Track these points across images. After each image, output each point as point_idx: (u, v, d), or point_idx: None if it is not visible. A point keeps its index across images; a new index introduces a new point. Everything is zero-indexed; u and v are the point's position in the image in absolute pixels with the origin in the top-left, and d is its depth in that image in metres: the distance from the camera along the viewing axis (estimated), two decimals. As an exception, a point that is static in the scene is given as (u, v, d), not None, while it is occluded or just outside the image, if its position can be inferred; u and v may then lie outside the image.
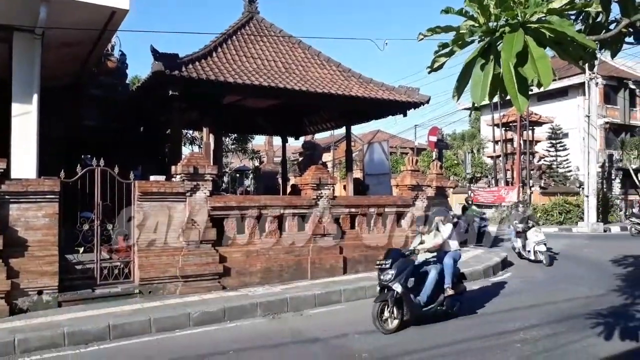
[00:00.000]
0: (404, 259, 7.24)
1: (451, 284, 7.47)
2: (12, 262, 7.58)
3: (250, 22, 14.83)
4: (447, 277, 7.47)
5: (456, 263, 7.78)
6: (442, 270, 7.52)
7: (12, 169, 8.46)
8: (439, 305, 7.43)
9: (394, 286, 6.91)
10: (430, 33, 3.17)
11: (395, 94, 14.27)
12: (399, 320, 7.01)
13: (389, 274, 6.95)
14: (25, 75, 9.16)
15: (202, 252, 9.19)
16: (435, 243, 7.64)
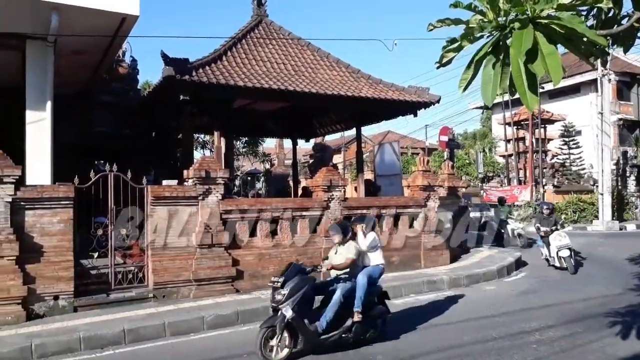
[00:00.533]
0: (303, 276, 6.16)
1: (361, 307, 6.33)
2: (29, 268, 7.68)
3: (259, 25, 14.88)
4: (358, 299, 6.33)
5: (376, 281, 6.78)
6: (353, 289, 6.41)
7: (27, 175, 8.58)
8: (344, 332, 6.30)
9: (284, 309, 5.87)
10: (439, 24, 3.15)
11: (405, 94, 14.22)
12: (289, 350, 5.97)
13: (280, 294, 5.93)
14: (38, 83, 9.30)
15: (215, 255, 9.23)
16: (346, 260, 6.47)
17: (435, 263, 12.01)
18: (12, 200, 7.62)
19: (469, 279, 10.84)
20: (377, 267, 6.82)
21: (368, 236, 6.84)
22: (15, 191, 7.65)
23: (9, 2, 7.95)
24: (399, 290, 9.78)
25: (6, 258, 7.47)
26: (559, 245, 11.94)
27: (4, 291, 7.37)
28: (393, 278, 10.49)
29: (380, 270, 6.89)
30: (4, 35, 9.13)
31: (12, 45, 9.44)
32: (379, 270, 6.86)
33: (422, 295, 9.79)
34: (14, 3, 8.03)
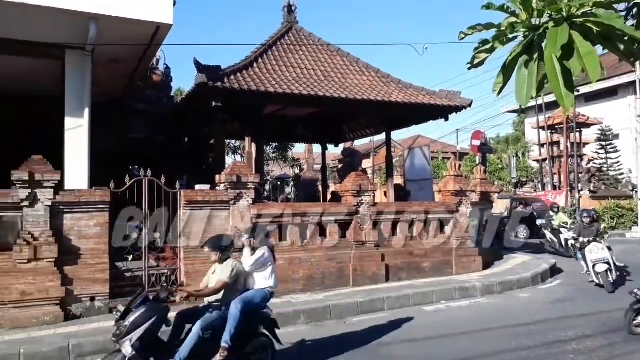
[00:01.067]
0: (152, 305, 5.05)
1: (232, 341, 5.20)
2: (67, 270, 7.92)
3: (290, 32, 15.02)
4: (227, 332, 5.20)
5: (259, 307, 5.62)
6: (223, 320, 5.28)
7: (66, 180, 8.85)
8: None
9: (122, 346, 4.82)
10: (471, 31, 3.13)
11: (436, 99, 14.09)
12: None
13: (120, 328, 4.88)
14: (76, 91, 9.60)
15: (245, 259, 9.30)
16: (217, 283, 5.42)
17: (467, 269, 11.81)
18: (51, 204, 7.88)
19: (502, 286, 10.61)
20: (260, 292, 5.68)
21: (257, 252, 5.73)
22: (55, 195, 7.91)
23: (50, 13, 8.25)
24: (430, 296, 9.66)
25: (45, 260, 7.72)
26: (594, 259, 10.62)
27: (43, 292, 7.62)
28: (424, 284, 10.39)
29: (264, 295, 5.69)
30: (44, 45, 9.49)
31: (52, 54, 9.78)
32: (262, 295, 5.68)
33: (454, 303, 9.64)
34: (54, 14, 8.32)
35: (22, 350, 6.33)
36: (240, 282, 5.60)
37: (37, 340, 6.75)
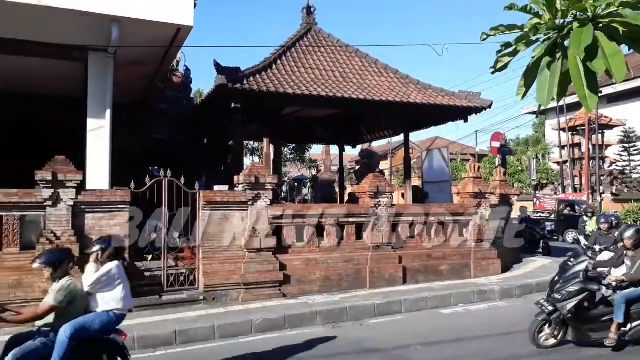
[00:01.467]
0: None
1: None
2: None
3: (309, 34, 15.05)
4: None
5: (97, 333, 4.78)
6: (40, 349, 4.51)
7: (87, 180, 9.00)
8: None
9: None
10: (493, 32, 3.09)
11: (455, 100, 13.97)
12: None
13: None
14: (99, 93, 9.76)
15: (263, 259, 9.36)
16: (41, 307, 4.62)
17: (486, 272, 11.68)
18: (73, 203, 8.03)
19: (522, 290, 10.47)
20: (102, 315, 4.83)
21: (102, 269, 4.94)
22: (77, 195, 8.05)
23: (73, 15, 8.40)
24: (447, 299, 9.58)
25: (68, 259, 7.84)
26: None
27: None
28: (442, 287, 10.30)
29: (106, 319, 4.84)
30: (67, 47, 9.66)
31: (75, 56, 9.96)
32: (103, 318, 4.82)
33: (472, 306, 9.54)
34: (77, 16, 8.47)
35: (44, 347, 6.43)
36: (78, 304, 4.76)
37: (59, 338, 6.86)
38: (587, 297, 6.39)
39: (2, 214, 7.78)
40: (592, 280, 6.51)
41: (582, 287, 6.30)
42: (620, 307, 6.25)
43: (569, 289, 6.33)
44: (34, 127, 12.44)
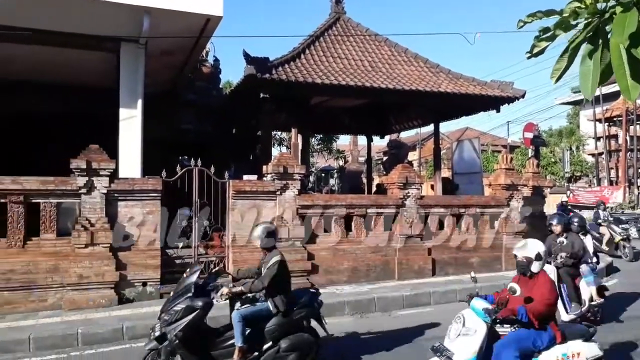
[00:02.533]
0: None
1: None
2: (120, 255, 8.24)
3: (337, 23, 14.94)
4: None
5: None
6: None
7: (120, 169, 9.18)
8: None
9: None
10: (530, 19, 2.98)
11: (487, 89, 13.68)
12: None
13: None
14: (130, 83, 9.91)
15: (291, 249, 9.39)
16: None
17: (517, 266, 11.44)
18: (107, 191, 8.20)
19: (555, 284, 10.23)
20: None
21: None
22: (110, 183, 8.22)
23: (106, 6, 8.53)
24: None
25: (101, 245, 8.06)
26: None
27: (99, 276, 7.95)
28: (472, 279, 10.15)
29: None
30: (100, 38, 9.83)
31: (108, 47, 10.14)
32: None
33: (503, 299, 9.36)
34: (111, 7, 8.59)
35: (80, 331, 6.64)
36: None
37: (94, 322, 7.06)
38: (199, 317, 4.94)
39: (39, 200, 8.01)
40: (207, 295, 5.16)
41: (189, 305, 4.88)
42: (238, 327, 5.03)
43: (175, 308, 4.90)
44: (68, 117, 12.73)
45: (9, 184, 7.78)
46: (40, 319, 7.26)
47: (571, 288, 7.08)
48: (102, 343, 6.60)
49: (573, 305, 6.97)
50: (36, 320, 7.22)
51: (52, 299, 7.82)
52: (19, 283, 7.66)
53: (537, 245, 4.60)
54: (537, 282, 4.45)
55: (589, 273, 7.24)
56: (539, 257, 4.51)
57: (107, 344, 6.60)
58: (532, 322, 4.23)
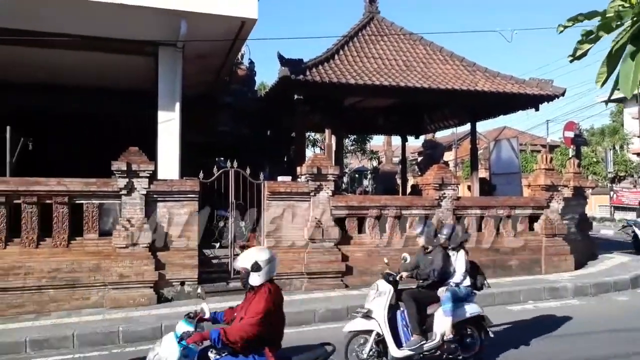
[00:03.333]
0: None
1: None
2: (159, 255, 8.43)
3: (371, 23, 14.86)
4: None
5: None
6: None
7: (158, 170, 9.39)
8: None
9: None
10: (571, 23, 2.89)
11: (525, 87, 13.34)
12: None
13: None
14: (168, 86, 10.13)
15: (325, 250, 9.40)
16: None
17: (558, 269, 11.13)
18: (146, 192, 8.41)
19: (597, 288, 9.90)
20: None
21: None
22: (149, 184, 8.43)
23: (145, 12, 8.75)
24: (516, 296, 9.23)
25: (141, 245, 8.27)
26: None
27: (139, 275, 8.16)
28: (511, 283, 9.95)
29: None
30: (138, 43, 10.09)
31: (146, 51, 10.40)
32: None
33: (543, 303, 9.13)
34: (149, 12, 8.81)
35: (121, 329, 6.83)
36: None
37: (134, 320, 7.25)
38: None
39: (82, 201, 8.28)
40: None
41: None
42: None
43: None
44: (108, 120, 13.13)
45: (54, 185, 8.08)
46: (83, 317, 7.51)
47: (414, 315, 5.50)
48: (142, 341, 6.76)
49: (413, 338, 5.47)
50: (80, 317, 7.47)
51: (94, 297, 8.08)
52: (64, 281, 7.94)
53: (256, 254, 3.88)
54: (255, 298, 3.74)
55: (447, 300, 5.60)
56: (256, 268, 3.76)
57: (147, 342, 6.73)
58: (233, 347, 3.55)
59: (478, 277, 6.19)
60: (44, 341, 6.56)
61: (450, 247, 6.09)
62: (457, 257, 5.98)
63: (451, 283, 5.83)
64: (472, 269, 6.12)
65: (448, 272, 5.88)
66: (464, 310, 5.77)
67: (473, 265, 6.21)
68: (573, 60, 3.09)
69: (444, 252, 5.96)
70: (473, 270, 6.13)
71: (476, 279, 6.15)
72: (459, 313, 5.70)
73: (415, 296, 5.67)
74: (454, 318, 5.60)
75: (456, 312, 5.64)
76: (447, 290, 5.68)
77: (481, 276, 6.24)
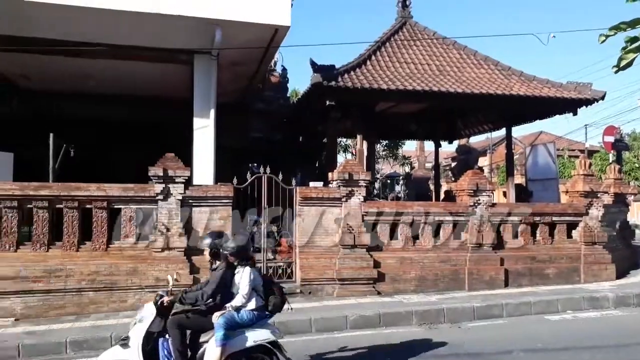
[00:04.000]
0: None
1: None
2: (194, 260, 8.58)
3: (404, 27, 14.81)
4: None
5: None
6: None
7: (193, 176, 9.58)
8: None
9: None
10: (613, 32, 2.81)
11: (562, 91, 13.01)
12: None
13: None
14: (204, 93, 10.34)
15: (357, 256, 9.37)
16: None
17: (598, 278, 10.77)
18: (182, 197, 8.59)
19: (640, 299, 9.52)
20: None
21: None
22: (185, 190, 8.61)
23: (181, 20, 8.97)
24: (554, 305, 8.97)
25: (176, 249, 8.44)
26: None
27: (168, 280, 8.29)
28: (547, 292, 9.69)
29: None
30: (175, 51, 10.35)
31: (181, 59, 10.67)
32: None
33: (582, 313, 8.84)
34: (184, 22, 9.03)
35: (156, 331, 6.96)
36: None
37: (169, 322, 7.37)
38: None
39: (120, 206, 8.52)
40: None
41: None
42: None
43: None
44: (144, 127, 13.49)
45: (94, 190, 8.35)
46: (121, 319, 7.70)
47: (176, 346, 4.73)
48: (176, 343, 6.86)
49: None
50: (117, 320, 7.66)
51: (131, 299, 8.27)
52: (102, 284, 8.17)
53: None
54: None
55: (218, 327, 4.74)
56: None
57: (182, 345, 6.86)
58: None
59: (270, 299, 5.13)
60: (84, 342, 6.76)
61: (237, 263, 5.04)
62: (242, 275, 4.95)
63: (228, 307, 4.87)
64: (266, 288, 5.14)
65: (230, 293, 4.97)
66: (245, 338, 4.85)
67: (267, 284, 5.22)
68: (618, 71, 3.00)
69: (227, 270, 5.00)
70: (267, 290, 5.14)
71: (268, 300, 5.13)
72: (238, 342, 4.82)
73: (182, 323, 4.83)
74: (230, 348, 4.75)
75: (233, 340, 4.78)
76: (221, 315, 4.78)
77: (276, 297, 5.18)
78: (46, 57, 10.25)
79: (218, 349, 4.67)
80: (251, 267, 4.99)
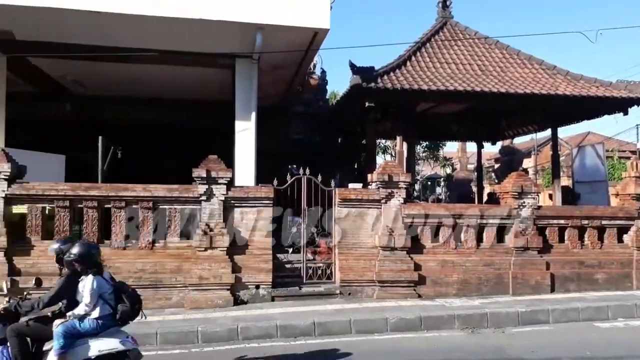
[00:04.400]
0: None
1: None
2: (236, 259, 8.73)
3: (444, 28, 14.63)
4: None
5: None
6: None
7: (235, 177, 9.76)
8: None
9: None
10: None
11: (612, 90, 12.51)
12: None
13: None
14: (245, 97, 10.53)
15: (397, 258, 9.30)
16: None
17: (652, 284, 10.29)
18: (224, 198, 8.76)
19: (700, 307, 9.02)
20: None
21: None
22: (227, 191, 8.78)
23: (222, 25, 9.16)
24: (604, 312, 8.63)
25: (219, 249, 8.62)
26: None
27: (217, 278, 8.50)
28: (597, 298, 9.32)
29: None
30: (215, 55, 10.58)
31: (222, 64, 10.90)
32: None
33: (635, 321, 8.45)
34: (227, 27, 9.22)
35: (199, 329, 7.14)
36: None
37: (211, 321, 7.54)
38: None
39: (165, 206, 8.77)
40: None
41: None
42: None
43: None
44: (187, 129, 13.84)
45: (140, 191, 8.63)
46: (165, 316, 7.92)
47: (15, 355, 4.60)
48: (219, 342, 7.02)
49: None
50: (162, 316, 7.88)
51: (175, 297, 8.50)
52: (148, 282, 8.43)
53: None
54: None
55: (57, 336, 4.58)
56: None
57: (224, 343, 7.00)
58: None
59: (119, 307, 4.89)
60: (130, 337, 6.98)
61: (81, 270, 4.83)
62: (85, 283, 4.76)
63: (69, 315, 4.74)
64: (117, 296, 4.94)
65: (76, 301, 4.80)
66: (88, 348, 4.66)
67: (118, 291, 4.97)
68: None
69: (70, 277, 4.85)
70: (117, 298, 4.94)
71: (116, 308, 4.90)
72: (80, 352, 4.64)
73: (21, 331, 4.66)
74: (70, 357, 4.61)
75: (74, 350, 4.62)
76: (61, 324, 4.65)
77: (124, 305, 4.92)
78: (94, 63, 10.70)
79: (55, 358, 4.54)
80: (95, 274, 4.80)
